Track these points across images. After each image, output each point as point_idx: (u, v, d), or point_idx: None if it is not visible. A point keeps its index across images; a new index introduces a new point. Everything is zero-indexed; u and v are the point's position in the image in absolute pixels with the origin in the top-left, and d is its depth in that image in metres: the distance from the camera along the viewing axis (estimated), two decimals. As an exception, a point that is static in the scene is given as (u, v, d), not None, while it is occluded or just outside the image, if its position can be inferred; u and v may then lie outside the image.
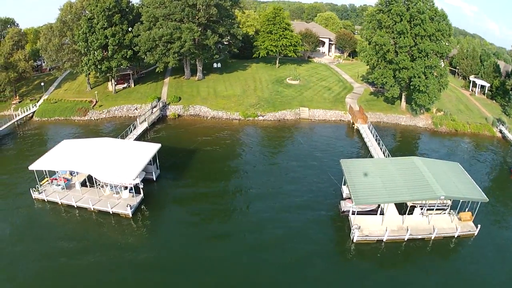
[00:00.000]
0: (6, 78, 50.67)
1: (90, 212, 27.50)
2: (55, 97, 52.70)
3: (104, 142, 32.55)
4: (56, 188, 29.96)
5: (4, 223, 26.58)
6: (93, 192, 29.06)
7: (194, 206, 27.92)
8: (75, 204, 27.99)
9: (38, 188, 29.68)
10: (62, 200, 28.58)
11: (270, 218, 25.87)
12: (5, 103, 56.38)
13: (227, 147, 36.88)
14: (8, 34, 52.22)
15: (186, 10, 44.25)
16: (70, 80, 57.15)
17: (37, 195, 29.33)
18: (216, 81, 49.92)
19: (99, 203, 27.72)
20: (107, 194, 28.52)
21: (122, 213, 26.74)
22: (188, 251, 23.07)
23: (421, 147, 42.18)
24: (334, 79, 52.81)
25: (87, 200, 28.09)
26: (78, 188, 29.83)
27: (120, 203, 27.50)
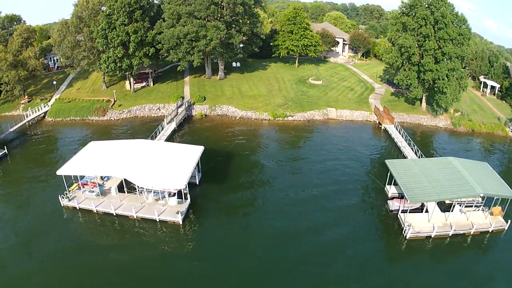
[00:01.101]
0: (15, 76, 47.45)
1: (132, 220, 25.33)
2: (68, 97, 49.83)
3: (138, 144, 30.42)
4: (89, 194, 27.56)
5: (33, 236, 23.95)
6: (132, 199, 26.85)
7: (242, 212, 26.42)
8: (114, 212, 25.66)
9: (68, 194, 27.20)
10: (98, 208, 26.17)
11: (320, 219, 25.30)
12: (12, 103, 52.96)
13: (264, 148, 35.64)
14: (17, 31, 48.94)
15: (211, 8, 42.63)
16: (82, 79, 54.23)
17: (67, 203, 26.87)
18: (239, 81, 48.44)
19: (142, 210, 25.57)
20: (150, 201, 26.38)
21: (171, 220, 24.77)
22: (248, 262, 21.67)
23: (445, 147, 42.25)
24: (355, 80, 52.41)
25: (129, 207, 25.82)
26: (114, 194, 27.52)
27: (167, 209, 25.52)
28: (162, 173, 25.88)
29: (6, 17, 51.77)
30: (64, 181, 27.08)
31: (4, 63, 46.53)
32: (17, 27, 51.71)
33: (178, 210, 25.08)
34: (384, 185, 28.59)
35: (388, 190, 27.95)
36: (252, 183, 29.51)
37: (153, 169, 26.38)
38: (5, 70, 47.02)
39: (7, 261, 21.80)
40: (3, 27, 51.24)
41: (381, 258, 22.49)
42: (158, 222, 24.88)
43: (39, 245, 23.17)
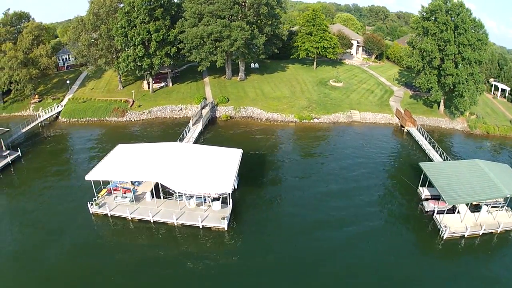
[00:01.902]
0: (27, 75, 45.28)
1: (172, 227, 23.90)
2: (82, 96, 47.85)
3: (170, 146, 29.16)
4: (121, 200, 25.90)
5: (64, 247, 22.10)
6: (170, 204, 25.43)
7: (285, 217, 25.40)
8: (152, 219, 24.14)
9: (97, 201, 25.51)
10: (133, 215, 24.52)
11: (355, 221, 25.01)
12: (22, 103, 50.61)
13: (296, 150, 34.99)
14: (27, 28, 46.70)
15: (235, 7, 41.56)
16: (95, 79, 52.22)
17: (97, 210, 25.18)
18: (260, 82, 47.48)
19: (183, 216, 24.17)
20: (192, 207, 25.04)
21: (216, 226, 23.50)
22: (300, 267, 20.80)
23: (464, 149, 42.55)
24: (373, 82, 52.22)
25: (168, 213, 24.35)
26: (149, 200, 25.97)
27: (209, 215, 24.31)
28: (203, 177, 24.66)
29: (14, 14, 49.39)
30: (93, 186, 25.40)
31: (14, 61, 44.32)
32: (26, 24, 49.42)
33: (223, 216, 24.06)
34: (416, 187, 28.78)
35: (422, 192, 28.20)
36: (290, 186, 28.70)
37: (192, 173, 25.08)
38: (16, 68, 44.84)
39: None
40: (12, 24, 48.90)
41: (420, 256, 22.84)
42: (201, 228, 23.68)
43: (74, 257, 21.41)
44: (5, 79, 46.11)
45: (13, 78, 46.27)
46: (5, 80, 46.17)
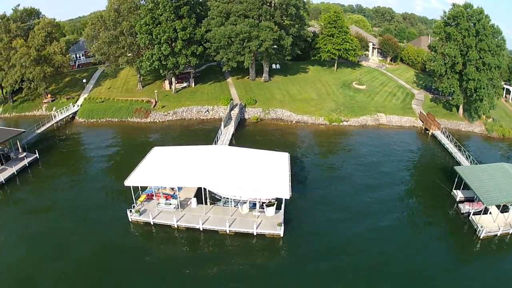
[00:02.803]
0: (40, 73, 43.24)
1: (222, 235, 22.83)
2: (98, 96, 46.14)
3: (210, 149, 28.17)
4: (165, 207, 24.58)
5: (107, 260, 20.70)
6: (218, 211, 24.35)
7: (334, 220, 24.90)
8: (201, 227, 22.91)
9: (137, 208, 24.07)
10: (180, 223, 23.21)
11: (396, 222, 25.27)
12: (33, 102, 48.42)
13: (334, 152, 34.73)
14: (39, 25, 44.61)
15: (263, 7, 40.86)
16: (111, 78, 50.41)
17: (137, 217, 23.77)
18: (285, 84, 46.89)
19: (235, 223, 23.09)
20: (245, 212, 24.13)
21: (270, 233, 22.63)
22: (358, 275, 20.40)
23: (485, 152, 43.35)
24: (394, 85, 52.54)
25: (218, 220, 23.26)
26: (194, 206, 24.80)
27: (263, 221, 23.37)
28: (255, 182, 23.74)
29: (24, 10, 47.19)
30: (132, 192, 24.00)
31: (27, 58, 42.26)
32: (36, 21, 47.24)
33: (279, 222, 23.32)
34: (449, 189, 29.44)
35: (456, 195, 28.83)
36: (335, 189, 28.32)
37: (242, 178, 24.09)
38: (28, 66, 42.76)
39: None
40: (22, 20, 46.58)
41: (462, 254, 23.66)
42: (255, 236, 22.78)
43: (118, 271, 20.07)
44: (17, 77, 43.92)
45: (25, 76, 44.18)
46: (17, 78, 44.00)
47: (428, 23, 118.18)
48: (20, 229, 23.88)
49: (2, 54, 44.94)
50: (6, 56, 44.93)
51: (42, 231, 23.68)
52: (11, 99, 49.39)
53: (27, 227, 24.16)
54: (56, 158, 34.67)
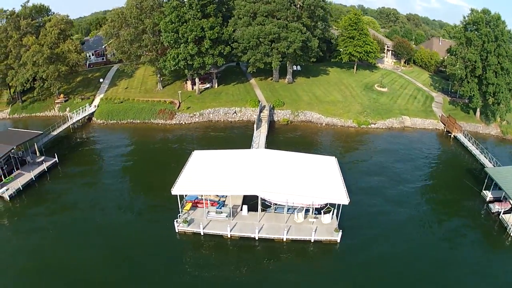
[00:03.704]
0: (55, 72, 41.99)
1: (278, 243, 22.60)
2: (115, 96, 45.28)
3: (254, 153, 28.14)
4: (216, 216, 23.99)
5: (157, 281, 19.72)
6: (271, 218, 24.08)
7: (387, 224, 25.42)
8: (257, 236, 22.50)
9: (184, 217, 23.33)
10: (234, 232, 22.70)
11: (430, 224, 26.14)
12: (44, 102, 47.04)
13: (370, 155, 35.38)
14: (51, 22, 43.35)
15: (292, 8, 41.17)
16: (126, 77, 49.45)
17: (185, 228, 22.95)
18: (309, 85, 47.33)
19: (291, 230, 22.92)
20: (301, 220, 23.98)
21: (327, 239, 22.73)
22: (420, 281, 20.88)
23: (504, 154, 45.26)
24: (413, 87, 53.97)
25: (273, 228, 22.99)
26: (245, 214, 24.45)
27: (319, 228, 23.27)
28: (308, 187, 23.88)
29: (33, 7, 45.79)
30: (178, 201, 23.46)
31: (40, 56, 41.02)
32: (47, 18, 45.93)
33: (335, 227, 23.56)
34: (479, 190, 30.69)
35: (486, 195, 30.14)
36: (384, 193, 28.83)
37: (294, 183, 24.11)
38: (42, 64, 41.47)
39: None
40: (32, 17, 45.08)
41: (491, 252, 24.32)
42: (312, 243, 22.71)
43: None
44: (29, 75, 42.49)
45: (38, 75, 42.79)
46: (29, 77, 42.55)
47: (430, 24, 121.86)
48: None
49: (12, 52, 43.45)
50: (16, 54, 43.45)
51: (76, 243, 22.58)
52: (20, 99, 47.68)
53: (55, 242, 22.73)
54: (76, 163, 33.72)
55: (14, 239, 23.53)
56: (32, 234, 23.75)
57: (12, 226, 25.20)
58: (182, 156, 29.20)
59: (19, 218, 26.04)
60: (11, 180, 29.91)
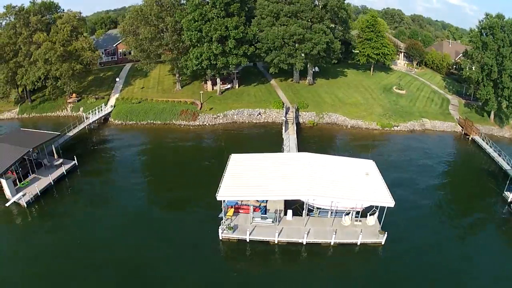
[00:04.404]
0: (69, 70, 41.95)
1: (325, 247, 23.35)
2: (132, 96, 45.62)
3: (292, 157, 28.89)
4: (261, 222, 24.48)
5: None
6: (316, 222, 24.87)
7: (424, 224, 26.84)
8: (305, 241, 23.15)
9: (227, 224, 23.57)
10: (281, 238, 23.15)
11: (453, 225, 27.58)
12: (55, 102, 46.82)
13: (396, 157, 36.84)
14: (63, 18, 43.43)
15: (315, 9, 42.61)
16: (141, 77, 49.74)
17: (230, 234, 23.29)
18: (330, 87, 48.84)
19: (337, 234, 23.63)
20: (347, 224, 24.96)
21: (372, 242, 23.76)
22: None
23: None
24: (429, 90, 56.36)
25: (321, 233, 23.73)
26: (290, 219, 25.11)
27: (363, 230, 24.12)
28: (353, 190, 25.11)
29: (42, 4, 45.77)
30: (222, 207, 23.95)
31: (52, 53, 40.96)
32: (57, 14, 45.75)
33: (380, 230, 24.92)
34: (499, 191, 32.55)
35: (508, 196, 31.67)
36: (424, 197, 30.14)
37: (339, 187, 25.06)
38: (54, 62, 41.40)
39: None
40: (42, 14, 44.88)
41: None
42: (358, 245, 23.66)
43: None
44: (41, 74, 42.23)
45: (51, 73, 42.59)
46: (41, 75, 42.29)
47: (433, 24, 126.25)
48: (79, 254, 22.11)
49: (21, 49, 43.11)
50: (26, 52, 43.17)
51: (104, 256, 21.87)
52: (29, 99, 47.17)
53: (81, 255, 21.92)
54: (96, 165, 33.64)
55: (33, 250, 22.58)
56: (54, 245, 23.00)
57: (30, 235, 24.34)
58: (213, 159, 29.81)
59: (37, 226, 25.41)
60: (27, 185, 29.31)
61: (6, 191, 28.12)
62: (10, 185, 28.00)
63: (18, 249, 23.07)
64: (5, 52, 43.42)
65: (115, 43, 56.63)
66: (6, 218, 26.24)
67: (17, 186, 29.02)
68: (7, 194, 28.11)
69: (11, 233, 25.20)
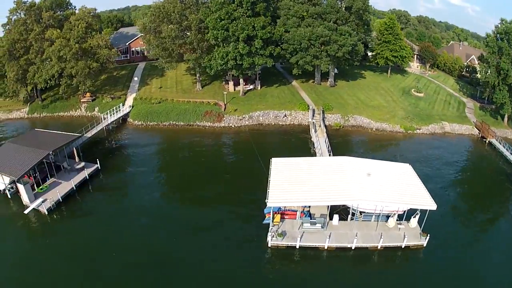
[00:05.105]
0: (85, 68, 42.56)
1: (371, 251, 24.98)
2: (151, 96, 46.49)
3: (334, 161, 30.50)
4: (310, 227, 25.86)
5: None
6: (361, 226, 26.54)
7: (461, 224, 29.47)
8: (353, 246, 24.64)
9: (278, 231, 24.62)
10: (331, 243, 24.50)
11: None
12: (68, 101, 47.36)
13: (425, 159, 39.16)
14: (76, 15, 44.04)
15: (341, 11, 44.91)
16: (157, 76, 50.74)
17: (278, 242, 24.15)
18: (351, 89, 51.22)
19: (383, 238, 25.24)
20: (392, 226, 26.86)
21: (414, 244, 25.66)
22: None
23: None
24: (445, 93, 59.70)
25: (368, 237, 25.42)
26: (336, 223, 26.70)
27: (406, 233, 26.00)
28: (396, 194, 27.03)
29: (54, 1, 46.08)
30: (271, 214, 25.03)
31: (67, 51, 41.54)
32: (69, 11, 46.27)
33: (422, 232, 26.81)
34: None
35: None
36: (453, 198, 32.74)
37: (381, 190, 26.69)
38: (69, 59, 42.03)
39: None
40: (53, 10, 45.43)
41: None
42: (402, 248, 25.33)
43: None
44: (55, 71, 42.65)
45: (65, 71, 43.07)
46: (55, 73, 42.70)
47: (437, 25, 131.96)
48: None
49: (33, 46, 43.40)
50: (38, 48, 43.46)
51: (136, 273, 21.52)
52: (39, 97, 47.25)
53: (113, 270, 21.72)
54: (120, 169, 33.90)
55: (59, 263, 22.09)
56: (82, 258, 22.52)
57: (53, 247, 23.63)
58: (247, 162, 30.65)
59: (61, 235, 24.73)
60: (46, 190, 29.14)
61: (24, 196, 27.80)
62: (28, 190, 27.52)
63: (43, 259, 22.56)
64: (15, 48, 43.71)
65: (127, 41, 57.35)
66: (26, 226, 25.77)
67: (35, 191, 28.71)
68: (25, 200, 27.84)
69: (32, 242, 24.56)
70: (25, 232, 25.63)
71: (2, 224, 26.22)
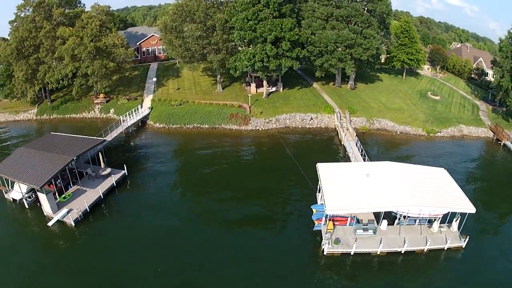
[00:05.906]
0: (102, 68, 43.15)
1: (419, 254, 27.33)
2: (169, 97, 47.65)
3: (378, 166, 32.32)
4: (364, 233, 27.85)
5: None
6: (407, 230, 28.69)
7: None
8: (403, 249, 26.92)
9: (333, 237, 26.32)
10: (383, 248, 26.38)
11: None
12: (79, 102, 47.58)
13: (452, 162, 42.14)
14: (88, 12, 44.77)
15: (365, 15, 47.86)
16: (173, 77, 51.93)
17: (334, 249, 25.69)
18: (371, 91, 54.27)
19: (428, 241, 27.61)
20: (436, 230, 29.48)
21: (454, 246, 28.17)
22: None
23: None
24: (459, 96, 64.11)
25: (415, 240, 27.66)
26: (384, 228, 28.91)
27: (446, 236, 28.66)
28: (434, 198, 29.12)
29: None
30: (325, 222, 26.71)
31: (82, 49, 42.08)
32: (79, 9, 46.79)
33: (462, 234, 29.39)
34: None
35: None
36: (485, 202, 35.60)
37: (424, 195, 29.07)
38: (84, 59, 42.60)
39: None
40: (63, 7, 45.83)
41: None
42: (445, 250, 27.89)
43: None
44: (69, 71, 42.95)
45: (80, 70, 43.44)
46: (68, 72, 43.00)
47: (436, 26, 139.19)
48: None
49: (43, 44, 43.47)
50: (48, 47, 43.57)
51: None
52: (48, 98, 47.09)
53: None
54: (147, 175, 34.38)
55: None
56: (121, 275, 22.27)
57: (85, 265, 22.81)
58: (284, 165, 32.26)
59: (93, 252, 23.92)
60: (69, 198, 28.97)
61: (46, 207, 27.24)
62: (51, 199, 26.89)
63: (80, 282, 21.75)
64: (24, 47, 43.67)
65: (137, 41, 57.95)
66: (52, 242, 24.70)
67: (57, 200, 28.51)
68: (47, 211, 27.36)
69: (63, 261, 23.32)
70: (55, 251, 24.26)
71: (23, 240, 25.06)
